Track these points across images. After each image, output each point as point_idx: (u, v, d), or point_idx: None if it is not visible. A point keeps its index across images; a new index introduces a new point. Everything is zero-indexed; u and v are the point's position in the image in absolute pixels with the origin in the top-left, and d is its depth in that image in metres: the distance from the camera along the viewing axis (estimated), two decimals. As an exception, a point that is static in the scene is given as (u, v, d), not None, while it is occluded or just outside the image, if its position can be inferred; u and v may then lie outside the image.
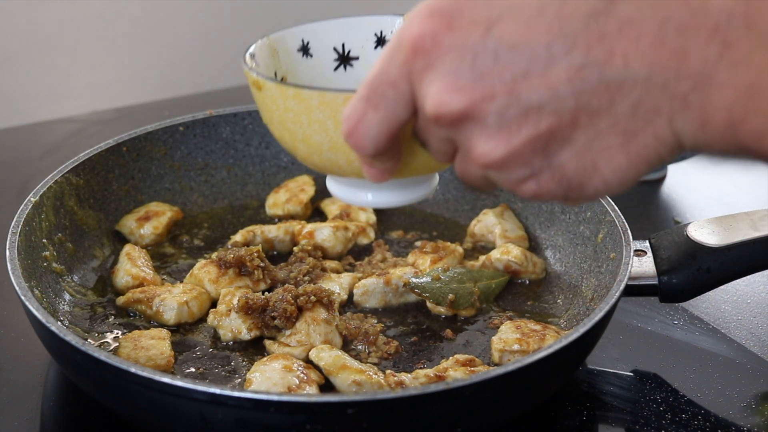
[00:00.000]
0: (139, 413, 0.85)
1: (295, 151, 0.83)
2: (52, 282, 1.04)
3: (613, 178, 0.60)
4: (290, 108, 0.79)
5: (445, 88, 0.58)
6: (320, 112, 0.77)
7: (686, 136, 0.58)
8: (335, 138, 0.77)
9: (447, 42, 0.58)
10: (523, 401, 0.89)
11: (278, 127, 0.82)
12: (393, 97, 0.62)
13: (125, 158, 1.21)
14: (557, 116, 0.58)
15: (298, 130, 0.79)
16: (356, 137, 0.64)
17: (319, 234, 1.16)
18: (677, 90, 0.56)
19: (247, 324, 1.00)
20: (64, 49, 2.00)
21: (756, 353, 1.06)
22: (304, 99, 0.77)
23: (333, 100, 0.75)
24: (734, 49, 0.55)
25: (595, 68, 0.56)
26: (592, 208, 1.10)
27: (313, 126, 0.78)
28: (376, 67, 0.63)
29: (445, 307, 1.05)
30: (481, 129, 0.59)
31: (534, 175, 0.61)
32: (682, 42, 0.55)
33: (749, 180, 1.54)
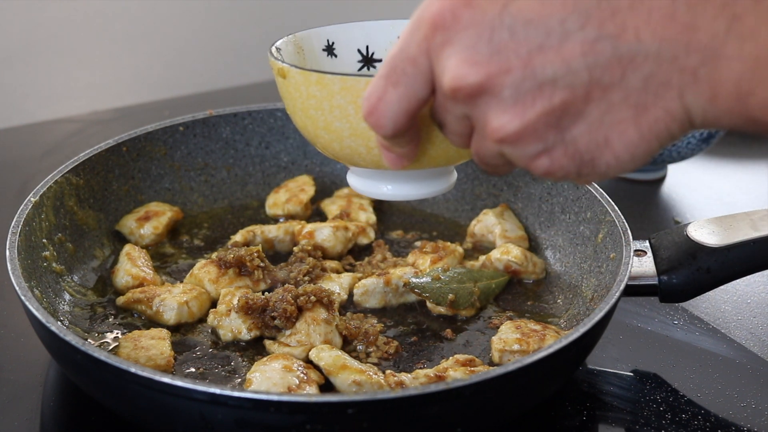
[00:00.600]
0: (139, 413, 0.85)
1: (317, 140, 0.84)
2: (52, 282, 1.04)
3: (624, 153, 0.61)
4: (313, 94, 0.80)
5: (463, 62, 0.60)
6: (341, 98, 0.79)
7: (696, 111, 0.59)
8: (356, 124, 0.79)
9: (465, 17, 0.59)
10: (523, 401, 0.89)
11: (301, 115, 0.84)
12: (413, 73, 0.63)
13: (125, 158, 1.21)
14: (571, 90, 0.59)
15: (320, 117, 0.81)
16: (376, 115, 0.66)
17: (319, 234, 1.16)
18: (687, 63, 0.57)
19: (247, 324, 1.00)
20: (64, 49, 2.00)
21: (756, 353, 1.06)
22: (326, 84, 0.79)
23: (354, 85, 0.77)
24: (742, 22, 0.55)
25: (608, 42, 0.57)
26: (592, 208, 1.10)
27: (334, 112, 0.80)
28: (397, 45, 0.64)
29: (445, 307, 1.05)
30: (497, 102, 0.61)
31: (547, 150, 0.62)
32: (691, 16, 0.56)
33: (749, 180, 1.54)
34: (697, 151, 1.40)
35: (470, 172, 1.27)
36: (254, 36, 2.10)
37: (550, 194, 1.18)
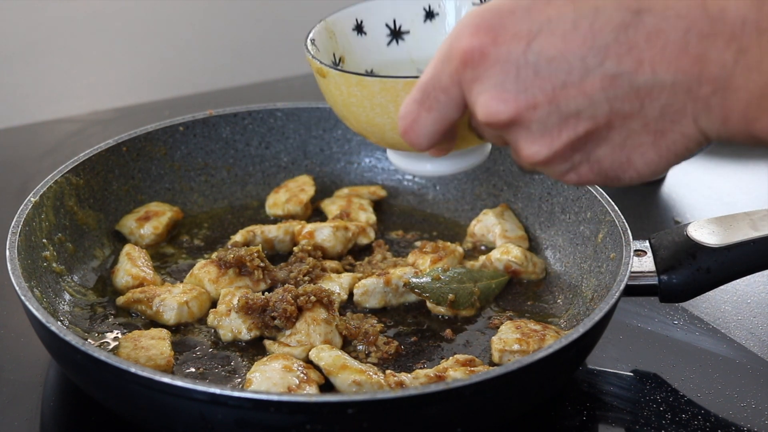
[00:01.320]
0: (139, 413, 0.85)
1: (360, 131, 0.89)
2: (52, 282, 1.04)
3: (645, 169, 0.67)
4: (353, 94, 0.85)
5: (493, 98, 0.66)
6: (382, 97, 0.83)
7: (710, 132, 0.63)
8: (397, 119, 0.81)
9: (493, 56, 0.65)
10: (523, 401, 0.89)
11: (342, 109, 0.88)
12: (445, 101, 0.69)
13: (125, 158, 1.21)
14: (594, 120, 0.64)
15: (362, 114, 0.86)
16: (412, 135, 0.72)
17: (319, 234, 1.16)
18: (700, 93, 0.62)
19: (247, 324, 1.00)
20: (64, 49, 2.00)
21: (756, 353, 1.06)
22: (366, 86, 0.83)
23: (393, 86, 0.81)
24: (748, 54, 0.60)
25: (626, 77, 0.62)
26: (592, 208, 1.10)
27: (376, 110, 0.84)
28: (428, 73, 0.70)
29: (445, 307, 1.05)
30: (526, 134, 0.67)
31: (575, 168, 0.68)
32: (702, 49, 0.60)
33: (749, 180, 1.54)
34: (697, 151, 1.40)
35: (470, 172, 1.27)
36: (254, 36, 2.10)
37: (550, 194, 1.18)
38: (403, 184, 1.31)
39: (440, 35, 0.98)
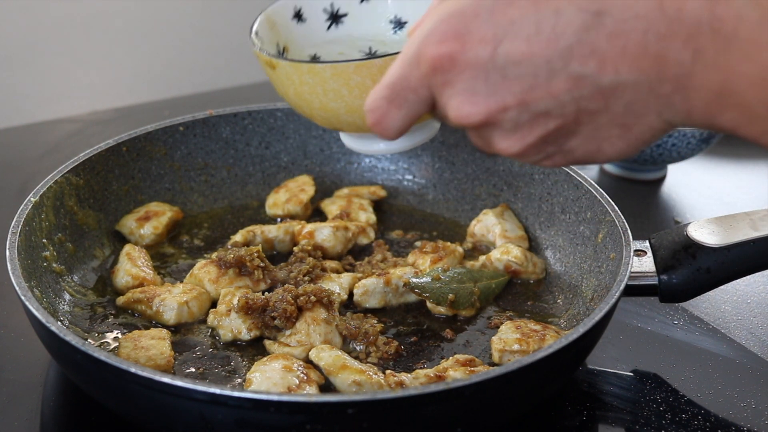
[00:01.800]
0: (139, 413, 0.85)
1: (313, 118, 0.89)
2: (52, 282, 1.04)
3: (616, 156, 0.69)
4: (305, 81, 0.85)
5: (464, 102, 0.68)
6: (334, 82, 0.83)
7: (676, 123, 0.67)
8: (351, 102, 0.84)
9: (462, 61, 0.66)
10: (523, 401, 0.89)
11: (294, 98, 0.88)
12: (414, 100, 0.71)
13: (125, 158, 1.21)
14: (563, 118, 0.67)
15: (315, 100, 0.86)
16: (381, 128, 0.74)
17: (319, 234, 1.16)
18: (661, 91, 0.64)
19: (247, 324, 1.00)
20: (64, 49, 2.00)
21: (756, 353, 1.06)
22: (317, 72, 0.83)
23: (344, 70, 0.82)
24: (705, 54, 0.62)
25: (590, 78, 0.64)
26: (592, 208, 1.10)
27: (329, 95, 0.84)
28: (395, 73, 0.72)
29: (445, 307, 1.05)
30: (499, 132, 0.69)
31: (548, 157, 0.71)
32: (661, 49, 0.62)
33: (749, 180, 1.54)
34: (697, 151, 1.40)
35: (470, 172, 1.27)
36: (254, 36, 2.10)
37: (550, 194, 1.18)
38: (403, 184, 1.31)
39: (378, 13, 0.99)
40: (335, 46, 0.99)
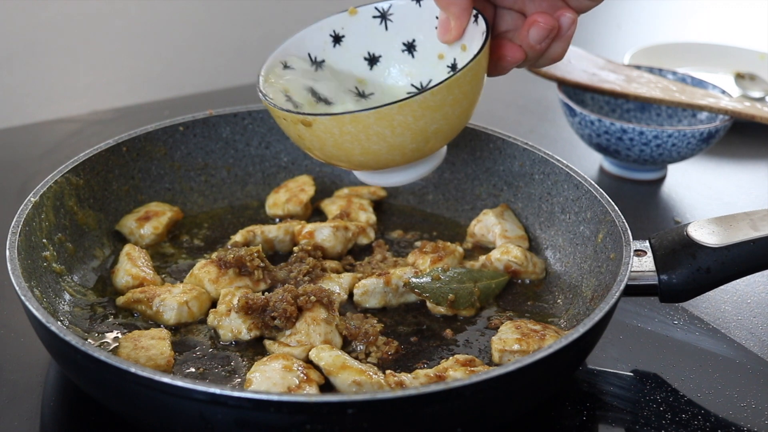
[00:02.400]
0: (139, 413, 0.85)
1: (349, 164, 0.94)
2: (52, 282, 1.04)
3: None
4: (347, 131, 0.88)
5: None
6: (378, 126, 0.88)
7: None
8: (393, 141, 0.89)
9: None
10: (523, 401, 0.89)
11: (332, 150, 0.92)
12: None
13: (125, 158, 1.21)
14: None
15: (356, 147, 0.90)
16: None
17: (319, 234, 1.16)
18: None
19: (247, 324, 1.00)
20: (64, 49, 2.00)
21: (756, 353, 1.06)
22: (361, 120, 0.87)
23: (388, 113, 0.87)
24: None
25: None
26: (592, 208, 1.10)
27: (372, 139, 0.89)
28: None
29: (445, 307, 1.05)
30: None
31: None
32: None
33: (749, 180, 1.54)
34: (697, 151, 1.41)
35: (470, 172, 1.27)
36: (254, 36, 2.10)
37: (550, 194, 1.18)
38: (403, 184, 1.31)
39: (351, 54, 1.04)
40: (327, 83, 1.03)
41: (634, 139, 1.38)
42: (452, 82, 0.89)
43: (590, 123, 1.40)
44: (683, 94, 1.45)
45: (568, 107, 1.43)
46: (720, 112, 1.39)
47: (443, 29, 0.98)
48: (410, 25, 1.02)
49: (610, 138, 1.40)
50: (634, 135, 1.37)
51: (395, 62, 1.04)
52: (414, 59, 1.03)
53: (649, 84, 1.49)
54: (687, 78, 1.53)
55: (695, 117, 1.48)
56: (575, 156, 1.54)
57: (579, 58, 1.56)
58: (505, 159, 1.24)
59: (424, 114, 0.89)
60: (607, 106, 1.54)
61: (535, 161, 1.20)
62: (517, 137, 1.23)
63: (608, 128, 1.39)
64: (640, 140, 1.38)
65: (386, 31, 1.02)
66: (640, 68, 1.56)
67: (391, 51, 1.03)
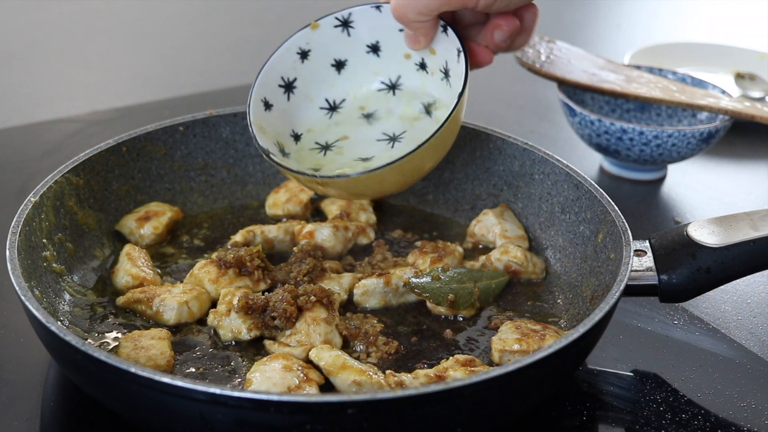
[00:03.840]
0: (139, 413, 0.85)
1: (360, 199, 1.11)
2: (52, 282, 1.04)
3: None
4: (368, 186, 0.98)
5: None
6: (392, 176, 0.95)
7: None
8: (404, 180, 0.99)
9: None
10: (523, 401, 0.89)
11: (346, 196, 1.07)
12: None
13: (125, 158, 1.21)
14: None
15: (371, 193, 1.03)
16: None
17: (319, 234, 1.16)
18: None
19: (247, 324, 1.00)
20: (64, 49, 2.00)
21: (756, 353, 1.06)
22: (376, 176, 0.95)
23: (401, 165, 0.94)
24: None
25: None
26: (592, 208, 1.10)
27: (386, 185, 0.98)
28: None
29: (445, 307, 1.05)
30: None
31: None
32: None
33: (749, 180, 1.54)
34: (697, 151, 1.41)
35: (470, 172, 1.27)
36: (254, 36, 2.10)
37: (550, 194, 1.18)
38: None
39: (319, 64, 1.09)
40: (303, 114, 1.11)
41: (634, 139, 1.38)
42: (441, 134, 0.96)
43: (590, 123, 1.40)
44: (683, 94, 1.45)
45: (568, 107, 1.43)
46: (720, 112, 1.39)
47: (411, 40, 1.04)
48: (372, 29, 1.07)
49: (610, 138, 1.40)
50: (634, 135, 1.37)
51: (361, 64, 1.09)
52: (380, 58, 1.07)
53: (649, 84, 1.49)
54: (687, 78, 1.53)
55: (695, 117, 1.48)
56: (575, 156, 1.54)
57: (579, 58, 1.56)
58: (505, 159, 1.24)
59: (415, 162, 0.97)
60: (607, 106, 1.54)
61: (535, 161, 1.20)
62: (517, 137, 1.23)
63: (608, 128, 1.39)
64: (640, 140, 1.38)
65: (349, 37, 1.05)
66: (640, 68, 1.56)
67: (357, 54, 1.08)
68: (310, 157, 1.08)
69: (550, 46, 1.56)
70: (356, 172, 0.96)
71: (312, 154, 1.08)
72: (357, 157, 1.07)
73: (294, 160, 1.07)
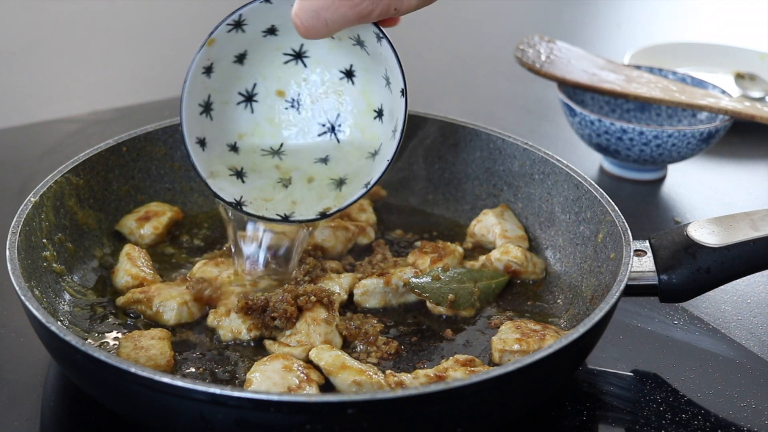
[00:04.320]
0: (139, 413, 0.85)
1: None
2: (52, 282, 1.04)
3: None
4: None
5: None
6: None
7: None
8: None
9: None
10: (523, 401, 0.89)
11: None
12: None
13: (125, 158, 1.21)
14: None
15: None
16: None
17: (319, 234, 1.16)
18: None
19: (247, 324, 1.00)
20: (64, 49, 2.00)
21: (756, 353, 1.06)
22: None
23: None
24: None
25: None
26: (592, 208, 1.10)
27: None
28: None
29: (445, 307, 1.05)
30: None
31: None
32: None
33: (749, 180, 1.54)
34: (697, 151, 1.41)
35: (470, 172, 1.27)
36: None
37: (550, 194, 1.18)
38: (403, 184, 1.31)
39: (224, 73, 1.05)
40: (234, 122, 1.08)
41: (634, 139, 1.38)
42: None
43: (590, 123, 1.40)
44: (683, 94, 1.45)
45: (568, 107, 1.43)
46: (720, 112, 1.39)
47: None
48: (266, 19, 1.02)
49: (610, 138, 1.40)
50: (634, 135, 1.37)
51: (261, 47, 1.04)
52: (278, 36, 1.03)
53: (649, 84, 1.49)
54: (687, 78, 1.53)
55: (695, 117, 1.48)
56: (575, 156, 1.54)
57: (579, 58, 1.56)
58: (505, 159, 1.24)
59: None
60: (607, 106, 1.54)
61: (535, 161, 1.20)
62: (517, 137, 1.23)
63: (608, 128, 1.39)
64: (640, 140, 1.38)
65: (245, 33, 1.02)
66: (640, 68, 1.56)
67: (255, 42, 1.04)
68: (265, 163, 1.06)
69: (550, 46, 1.56)
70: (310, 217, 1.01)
71: (266, 160, 1.06)
72: (313, 158, 1.06)
73: (254, 174, 1.05)
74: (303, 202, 1.04)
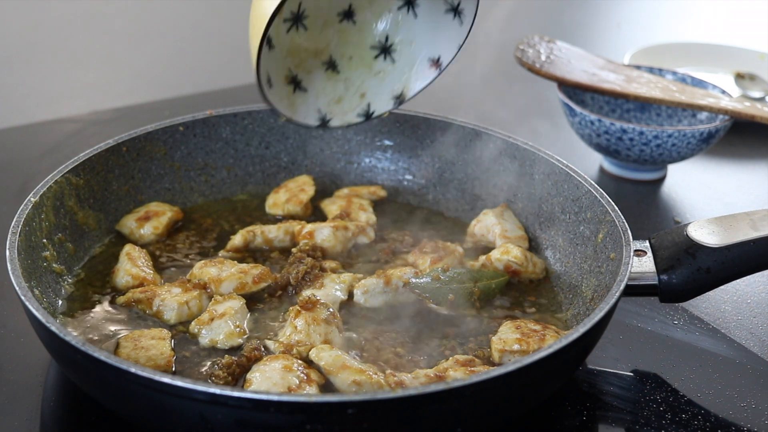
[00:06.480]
0: (139, 413, 0.85)
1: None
2: (52, 282, 1.04)
3: None
4: None
5: None
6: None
7: None
8: None
9: None
10: (523, 401, 0.89)
11: None
12: None
13: (125, 158, 1.21)
14: None
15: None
16: None
17: (319, 234, 1.16)
18: None
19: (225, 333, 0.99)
20: (64, 49, 2.00)
21: (756, 353, 1.06)
22: None
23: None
24: None
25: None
26: (592, 208, 1.10)
27: None
28: None
29: (445, 307, 1.05)
30: None
31: None
32: None
33: (749, 180, 1.54)
34: (697, 151, 1.41)
35: (470, 172, 1.27)
36: (254, 36, 2.10)
37: (550, 194, 1.18)
38: (403, 184, 1.31)
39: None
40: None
41: (634, 139, 1.38)
42: None
43: (590, 123, 1.40)
44: (683, 94, 1.45)
45: (568, 107, 1.43)
46: (720, 112, 1.39)
47: None
48: None
49: (610, 138, 1.40)
50: (634, 135, 1.37)
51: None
52: None
53: (649, 84, 1.49)
54: (687, 78, 1.53)
55: (695, 117, 1.48)
56: (575, 156, 1.54)
57: (579, 58, 1.56)
58: (505, 159, 1.24)
59: None
60: (607, 106, 1.54)
61: (535, 161, 1.20)
62: (517, 137, 1.23)
63: (608, 128, 1.39)
64: (640, 140, 1.38)
65: None
66: (640, 68, 1.56)
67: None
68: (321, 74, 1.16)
69: (550, 46, 1.56)
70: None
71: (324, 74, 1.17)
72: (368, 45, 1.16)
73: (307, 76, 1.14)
74: (370, 92, 1.16)
